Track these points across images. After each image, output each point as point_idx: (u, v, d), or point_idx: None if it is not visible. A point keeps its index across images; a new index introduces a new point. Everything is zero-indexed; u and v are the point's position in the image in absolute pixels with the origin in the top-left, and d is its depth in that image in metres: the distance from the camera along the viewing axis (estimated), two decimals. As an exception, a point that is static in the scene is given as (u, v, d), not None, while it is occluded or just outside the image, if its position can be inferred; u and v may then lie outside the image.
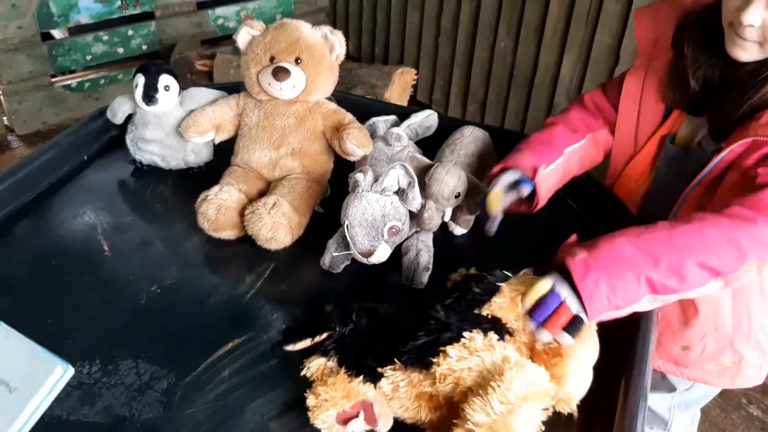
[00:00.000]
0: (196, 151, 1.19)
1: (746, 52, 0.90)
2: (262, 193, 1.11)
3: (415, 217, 1.01)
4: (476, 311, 0.80)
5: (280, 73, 1.06)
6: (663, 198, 1.05)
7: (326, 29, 1.11)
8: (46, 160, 1.20)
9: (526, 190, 0.99)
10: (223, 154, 1.21)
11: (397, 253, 1.03)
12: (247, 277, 1.01)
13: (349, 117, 1.13)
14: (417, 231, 1.04)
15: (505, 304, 0.81)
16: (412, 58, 3.15)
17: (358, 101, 1.35)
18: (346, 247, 0.99)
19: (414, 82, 2.99)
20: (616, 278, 0.79)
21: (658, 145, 1.08)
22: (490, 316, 0.80)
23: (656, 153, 1.08)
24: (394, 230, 0.97)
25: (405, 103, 2.93)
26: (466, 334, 0.76)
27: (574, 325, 0.78)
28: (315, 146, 1.13)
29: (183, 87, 1.18)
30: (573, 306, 0.79)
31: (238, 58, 2.80)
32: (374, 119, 1.27)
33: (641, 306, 0.82)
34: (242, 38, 1.12)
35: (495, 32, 2.70)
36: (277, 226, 1.01)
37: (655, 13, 1.07)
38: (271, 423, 0.80)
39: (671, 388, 1.27)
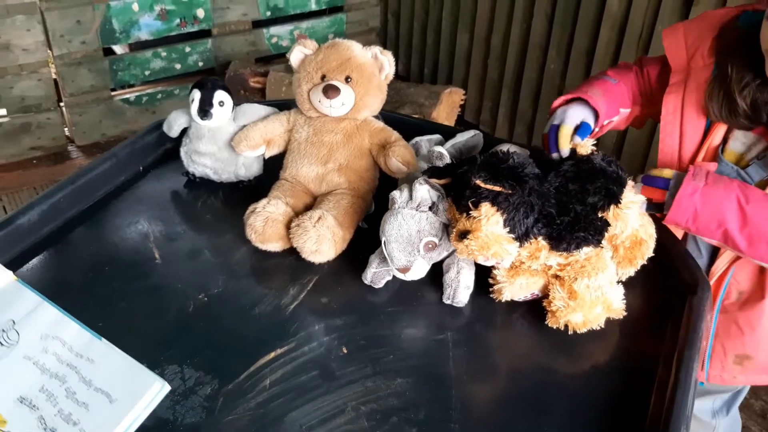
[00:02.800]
0: (246, 165, 1.22)
1: None
2: (309, 207, 1.13)
3: (457, 235, 1.02)
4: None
5: (330, 90, 1.08)
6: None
7: (376, 49, 1.14)
8: (104, 170, 1.25)
9: (578, 140, 1.07)
10: (272, 168, 1.24)
11: (439, 270, 1.04)
12: (291, 289, 1.04)
13: (395, 135, 1.14)
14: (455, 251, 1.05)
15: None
16: (460, 78, 3.17)
17: (404, 120, 1.37)
18: (387, 262, 1.01)
19: (462, 103, 3.01)
20: (707, 214, 1.01)
21: (712, 158, 1.13)
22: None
23: (714, 152, 1.13)
24: (429, 246, 0.99)
25: (452, 123, 2.95)
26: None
27: (655, 207, 1.05)
28: (361, 163, 1.15)
29: (236, 103, 1.22)
30: (667, 197, 1.04)
31: (290, 75, 2.86)
32: (418, 138, 1.29)
33: (706, 240, 1.08)
34: (295, 57, 1.15)
35: (545, 54, 2.70)
36: (322, 240, 1.03)
37: (686, 32, 1.12)
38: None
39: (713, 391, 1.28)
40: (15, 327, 0.73)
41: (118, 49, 2.96)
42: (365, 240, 1.11)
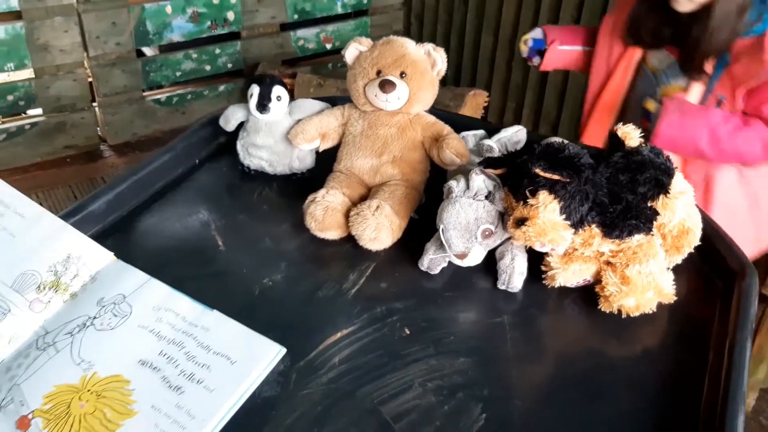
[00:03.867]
0: (300, 158, 1.27)
1: (680, 5, 1.32)
2: (363, 198, 1.18)
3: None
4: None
5: (386, 85, 1.13)
6: (634, 115, 1.47)
7: (429, 46, 1.18)
8: (162, 162, 1.30)
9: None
10: (323, 162, 1.29)
11: (490, 257, 1.08)
12: (351, 275, 1.08)
13: (447, 128, 1.19)
14: (510, 238, 1.09)
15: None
16: (483, 80, 3.22)
17: (445, 115, 1.41)
18: (444, 249, 1.05)
19: (485, 104, 3.05)
20: (683, 140, 1.37)
21: (635, 70, 1.54)
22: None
23: (633, 77, 1.55)
24: (486, 233, 1.03)
25: (477, 124, 2.98)
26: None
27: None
28: (414, 155, 1.19)
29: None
30: (651, 128, 1.37)
31: (317, 77, 2.92)
32: (464, 133, 1.33)
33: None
34: (350, 53, 1.20)
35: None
36: (381, 228, 1.08)
37: None
38: (382, 407, 0.86)
39: None
40: (126, 300, 0.78)
41: (148, 51, 3.02)
42: (417, 230, 1.15)
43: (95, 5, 2.54)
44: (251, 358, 0.71)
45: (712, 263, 1.10)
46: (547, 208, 0.95)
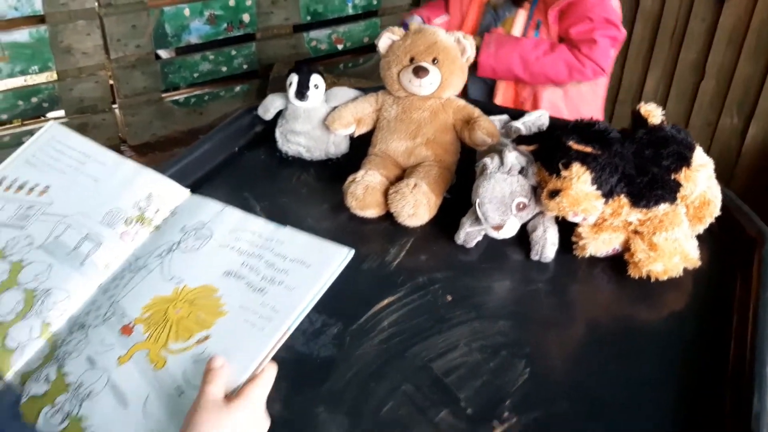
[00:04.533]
0: (336, 143, 1.33)
1: None
2: (399, 179, 1.24)
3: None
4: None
5: (420, 71, 1.20)
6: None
7: (459, 34, 1.25)
8: (204, 151, 1.36)
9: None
10: (356, 149, 1.36)
11: (523, 233, 1.15)
12: (391, 249, 1.14)
13: (477, 111, 1.26)
14: (541, 211, 1.16)
15: None
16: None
17: (471, 102, 1.48)
18: (479, 223, 1.12)
19: (496, 101, 3.12)
20: (501, 68, 1.66)
21: (479, 11, 1.79)
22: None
23: (477, 17, 1.79)
24: (521, 206, 1.09)
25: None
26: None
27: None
28: (446, 137, 1.26)
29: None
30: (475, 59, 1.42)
31: (331, 76, 2.97)
32: (491, 117, 1.39)
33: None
34: (383, 43, 1.27)
35: (578, 51, 2.81)
36: (419, 204, 1.14)
37: None
38: (432, 364, 0.92)
39: None
40: (206, 226, 0.85)
41: (164, 53, 3.09)
42: (450, 208, 1.21)
43: (116, 9, 2.61)
44: (324, 260, 0.76)
45: (732, 232, 1.16)
46: (579, 179, 1.02)
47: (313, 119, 1.31)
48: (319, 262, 0.76)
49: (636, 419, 0.86)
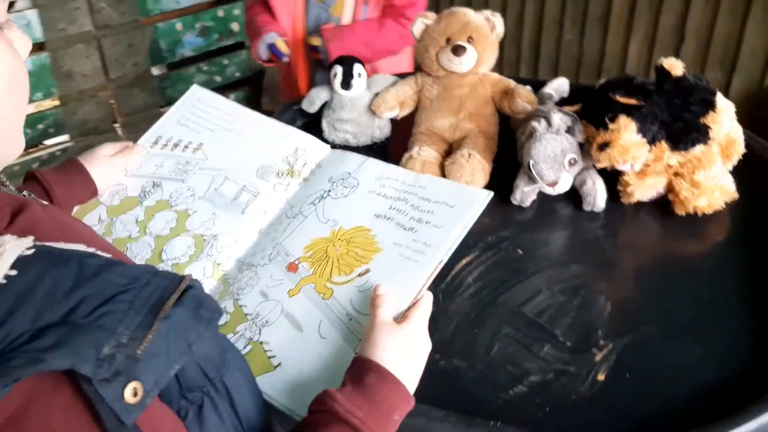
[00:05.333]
0: (380, 127, 1.42)
1: None
2: (447, 153, 1.33)
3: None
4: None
5: (459, 49, 1.29)
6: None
7: (487, 12, 1.34)
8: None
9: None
10: (397, 131, 1.44)
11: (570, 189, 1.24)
12: (455, 216, 1.23)
13: (513, 82, 1.35)
14: (586, 166, 1.26)
15: None
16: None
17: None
18: (533, 182, 1.21)
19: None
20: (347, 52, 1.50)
21: (303, 5, 1.80)
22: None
23: (304, 12, 1.80)
24: (572, 161, 1.19)
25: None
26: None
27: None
28: (487, 109, 1.35)
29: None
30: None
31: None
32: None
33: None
34: (418, 28, 1.35)
35: (560, 27, 2.93)
36: (475, 172, 1.23)
37: None
38: (523, 308, 1.01)
39: None
40: (352, 176, 0.93)
41: (155, 70, 3.12)
42: (495, 174, 1.31)
43: (111, 30, 2.65)
44: (467, 201, 0.83)
45: (758, 164, 1.28)
46: (627, 130, 1.12)
47: (358, 107, 1.39)
48: (462, 202, 0.83)
49: (713, 334, 0.96)
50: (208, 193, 0.95)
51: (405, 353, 0.70)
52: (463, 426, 0.79)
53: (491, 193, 0.82)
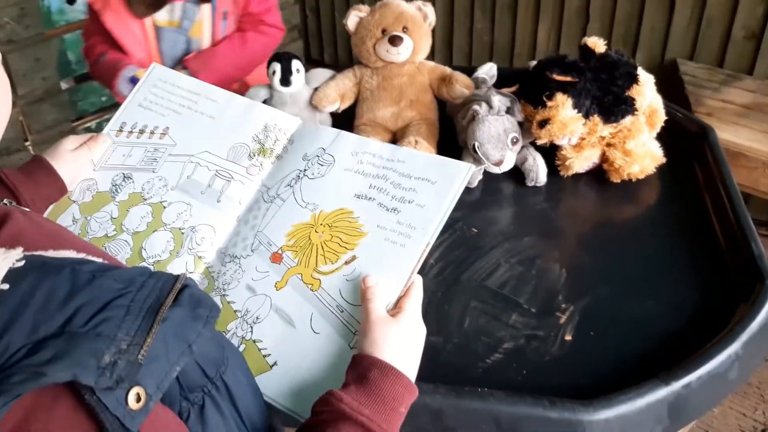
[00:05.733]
0: (322, 121, 1.43)
1: None
2: (392, 142, 1.36)
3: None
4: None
5: (396, 40, 1.32)
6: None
7: (419, 3, 1.38)
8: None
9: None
10: (336, 125, 1.46)
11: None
12: (407, 202, 1.27)
13: (448, 69, 1.40)
14: (524, 145, 1.32)
15: None
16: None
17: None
18: (479, 163, 1.26)
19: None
20: (220, 75, 1.58)
21: (155, 33, 1.65)
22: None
23: (156, 40, 1.65)
24: (514, 140, 1.25)
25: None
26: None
27: None
28: (426, 97, 1.39)
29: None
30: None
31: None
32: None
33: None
34: (352, 21, 1.38)
35: (471, 16, 3.02)
36: (423, 157, 1.27)
37: None
38: (486, 282, 1.06)
39: None
40: (326, 152, 0.90)
41: (64, 83, 3.00)
42: (441, 159, 1.35)
43: (17, 44, 2.51)
44: (449, 176, 0.81)
45: (679, 130, 1.38)
46: (564, 106, 1.19)
47: (299, 102, 1.40)
48: (444, 179, 0.81)
49: (660, 287, 1.04)
50: (181, 181, 0.92)
51: (403, 344, 0.71)
52: (454, 396, 0.82)
53: (472, 167, 0.82)
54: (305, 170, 0.90)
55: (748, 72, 2.34)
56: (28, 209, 0.67)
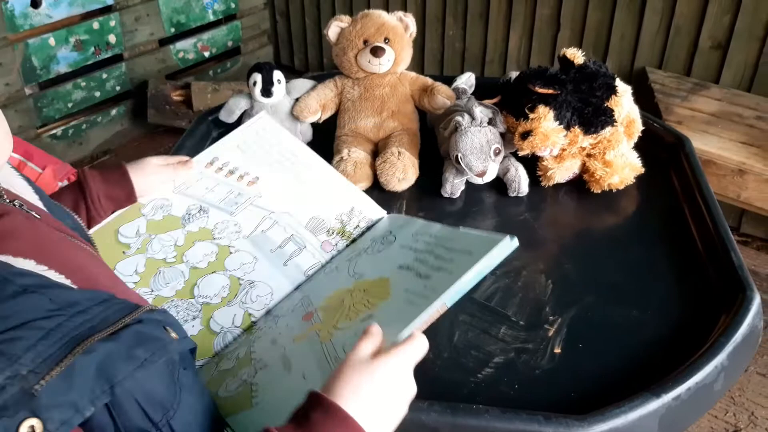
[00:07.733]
0: (303, 132, 1.42)
1: None
2: (373, 153, 1.36)
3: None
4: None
5: (378, 50, 1.32)
6: None
7: (399, 13, 1.38)
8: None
9: None
10: (317, 135, 1.46)
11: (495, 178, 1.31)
12: (392, 212, 1.26)
13: (430, 80, 1.40)
14: (506, 156, 1.33)
15: None
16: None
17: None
18: (462, 174, 1.27)
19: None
20: None
21: None
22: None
23: None
24: (497, 151, 1.26)
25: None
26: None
27: None
28: (408, 107, 1.39)
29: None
30: None
31: (212, 84, 2.97)
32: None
33: None
34: (333, 31, 1.37)
35: (443, 24, 3.03)
36: (407, 168, 1.27)
37: None
38: (474, 295, 1.06)
39: None
40: (392, 233, 0.91)
41: (29, 89, 2.92)
42: (422, 168, 1.35)
43: (-23, 48, 2.45)
44: (486, 246, 0.76)
45: (656, 140, 1.40)
46: (546, 118, 1.20)
47: (280, 113, 1.38)
48: (482, 250, 0.76)
49: (644, 296, 1.05)
50: (255, 233, 0.92)
51: (370, 391, 0.62)
52: (449, 414, 0.82)
53: (515, 239, 0.76)
54: (367, 249, 0.91)
55: (714, 81, 2.40)
56: (39, 216, 0.65)
